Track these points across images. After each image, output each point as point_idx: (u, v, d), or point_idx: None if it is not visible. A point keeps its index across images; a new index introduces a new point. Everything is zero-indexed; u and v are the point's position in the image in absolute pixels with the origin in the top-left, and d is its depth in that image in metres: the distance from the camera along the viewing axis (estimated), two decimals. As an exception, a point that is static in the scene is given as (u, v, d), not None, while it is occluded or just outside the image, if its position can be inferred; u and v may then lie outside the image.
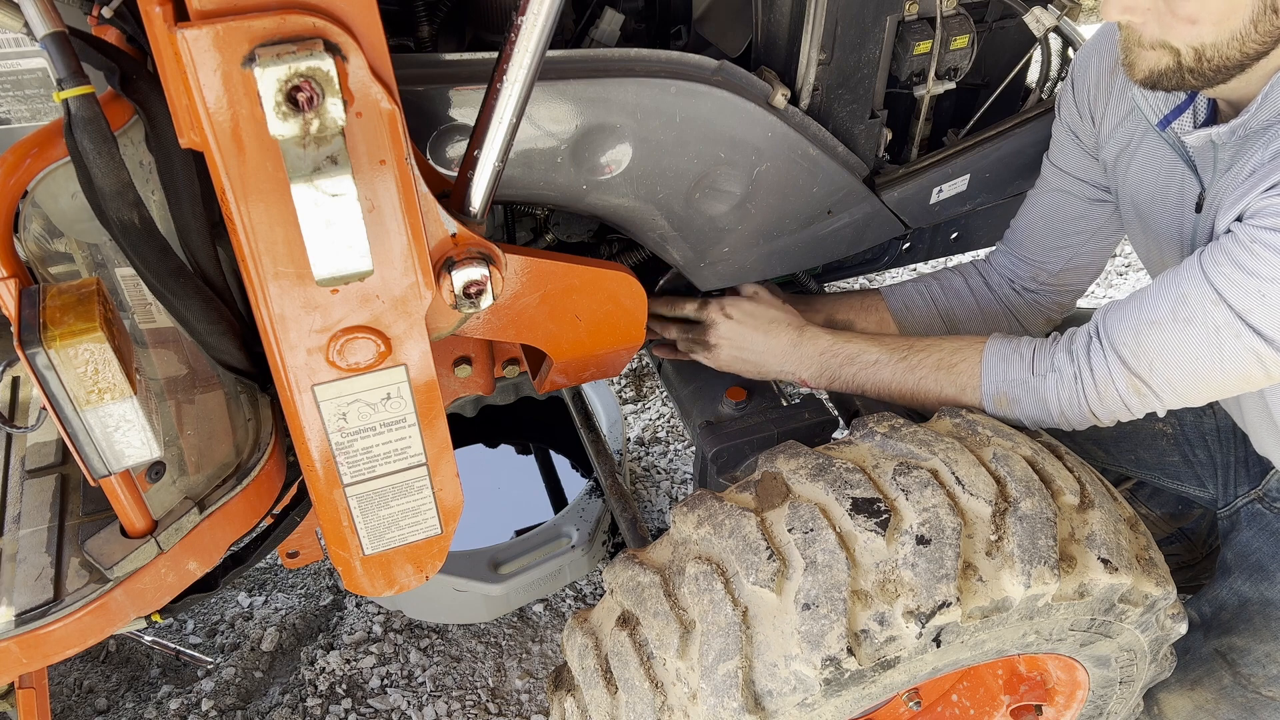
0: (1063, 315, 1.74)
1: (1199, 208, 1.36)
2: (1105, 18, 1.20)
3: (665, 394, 3.02)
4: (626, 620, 1.26)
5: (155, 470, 1.20)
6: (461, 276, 1.08)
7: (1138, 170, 1.46)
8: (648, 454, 2.85)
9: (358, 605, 2.41)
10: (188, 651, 2.27)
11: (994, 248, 1.77)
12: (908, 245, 1.92)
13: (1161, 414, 1.31)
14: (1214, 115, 1.32)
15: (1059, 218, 1.62)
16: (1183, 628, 1.38)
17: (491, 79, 0.97)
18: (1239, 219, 1.18)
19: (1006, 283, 1.72)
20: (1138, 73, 1.23)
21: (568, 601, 2.44)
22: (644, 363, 3.14)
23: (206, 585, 1.34)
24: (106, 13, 1.04)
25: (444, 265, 1.07)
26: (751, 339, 1.58)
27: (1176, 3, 1.12)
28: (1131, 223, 1.55)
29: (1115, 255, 3.62)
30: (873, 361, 1.48)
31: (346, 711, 2.17)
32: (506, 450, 2.90)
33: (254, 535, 1.42)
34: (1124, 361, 1.27)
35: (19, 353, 0.93)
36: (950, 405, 1.42)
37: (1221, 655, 1.64)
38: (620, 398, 3.07)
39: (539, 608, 2.41)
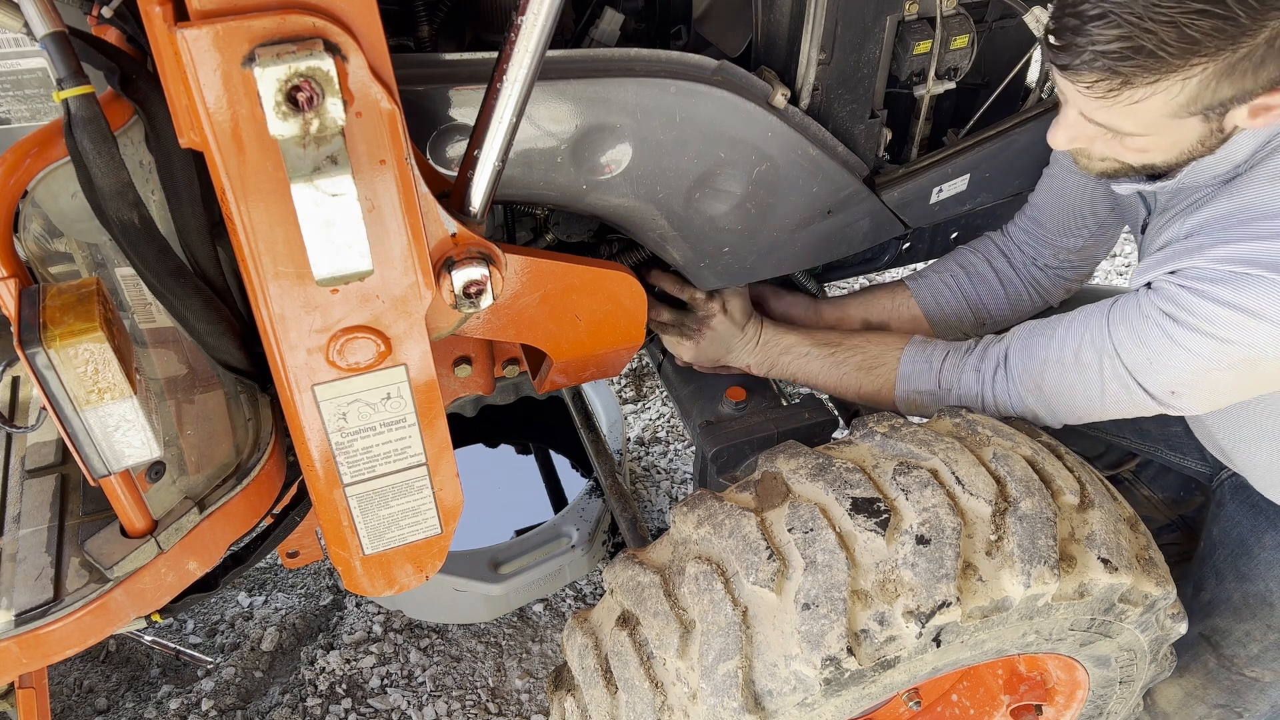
0: (1081, 284, 1.80)
1: (1144, 229, 1.44)
2: (1052, 145, 1.28)
3: (665, 394, 3.02)
4: (626, 620, 1.26)
5: (155, 470, 1.20)
6: (461, 276, 1.08)
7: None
8: (648, 454, 2.85)
9: (358, 605, 2.41)
10: (188, 651, 2.27)
11: (1013, 220, 1.77)
12: (908, 245, 1.92)
13: (1053, 424, 1.44)
14: None
15: (1078, 200, 1.64)
16: (1183, 628, 1.38)
17: (491, 79, 0.97)
18: (1148, 285, 1.27)
19: (1030, 261, 1.74)
20: (1092, 172, 1.33)
21: (568, 601, 2.44)
22: (644, 363, 3.14)
23: (206, 585, 1.34)
24: (106, 13, 1.04)
25: (444, 265, 1.07)
26: (732, 331, 1.67)
27: (1126, 139, 1.18)
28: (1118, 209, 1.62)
29: (1115, 255, 3.62)
30: (804, 354, 1.62)
31: (346, 711, 2.17)
32: (506, 450, 2.90)
33: (254, 535, 1.43)
34: (1024, 396, 1.41)
35: (19, 353, 0.93)
36: (868, 402, 1.59)
37: (1205, 638, 1.65)
38: (620, 398, 3.07)
39: (539, 608, 2.41)
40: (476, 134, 1.01)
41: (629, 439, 2.90)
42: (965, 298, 1.74)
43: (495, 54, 1.02)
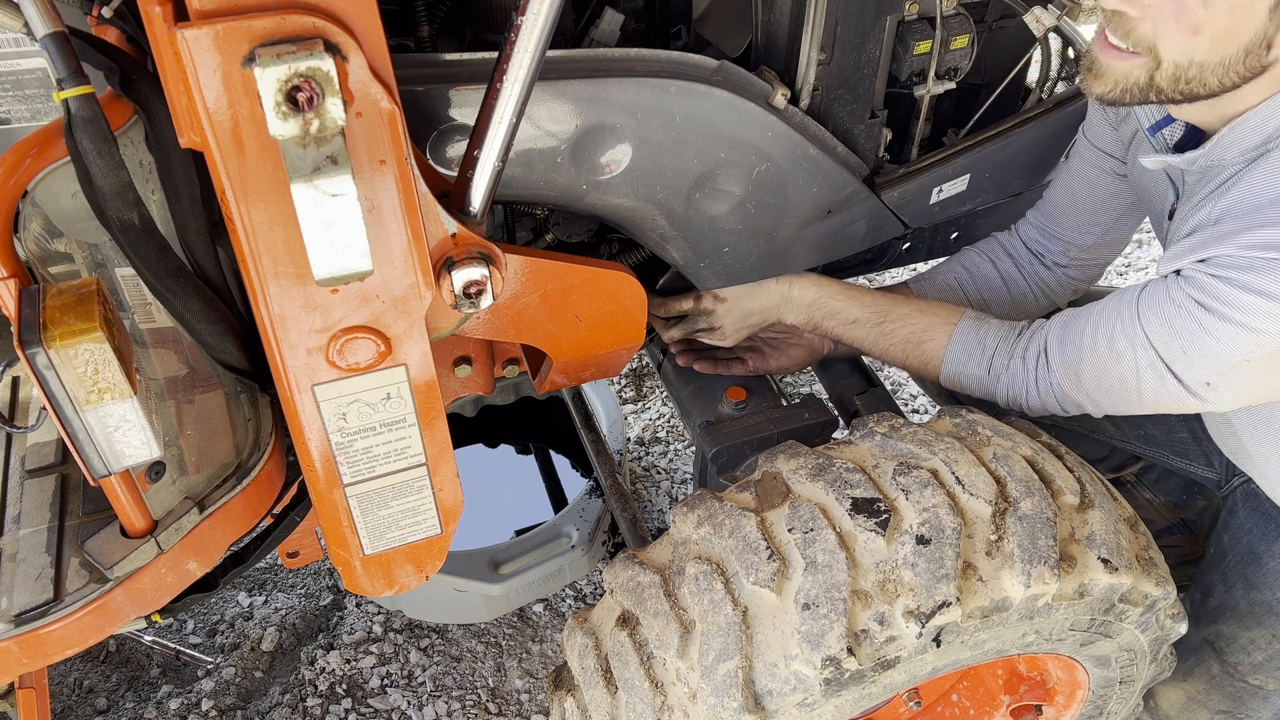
0: (1089, 285, 1.77)
1: (1171, 215, 1.41)
2: (1104, 4, 1.17)
3: (665, 394, 3.02)
4: (626, 620, 1.26)
5: (155, 470, 1.20)
6: (461, 276, 1.08)
7: (1138, 161, 1.48)
8: (648, 454, 2.85)
9: (358, 605, 2.41)
10: (188, 651, 2.27)
11: (1024, 218, 1.76)
12: (908, 245, 1.92)
13: (1097, 414, 1.42)
14: (1190, 136, 1.35)
15: (1095, 195, 1.63)
16: (1183, 628, 1.38)
17: (491, 79, 0.97)
18: (1178, 272, 1.24)
19: (1036, 259, 1.72)
20: (1101, 84, 1.21)
21: (568, 601, 2.44)
22: (644, 363, 3.14)
23: (206, 585, 1.34)
24: (106, 13, 1.04)
25: (444, 265, 1.07)
26: (748, 304, 1.65)
27: (1186, 6, 1.10)
28: (1140, 202, 1.60)
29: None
30: (851, 320, 1.60)
31: (346, 711, 2.17)
32: (506, 450, 2.90)
33: (254, 535, 1.42)
34: (1064, 385, 1.39)
35: (19, 353, 0.93)
36: (911, 373, 1.60)
37: (1210, 644, 1.64)
38: (620, 398, 3.07)
39: (539, 608, 2.41)
40: (476, 134, 1.01)
41: (629, 439, 2.90)
42: (968, 298, 1.73)
43: (495, 54, 1.02)
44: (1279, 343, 1.15)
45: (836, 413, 1.66)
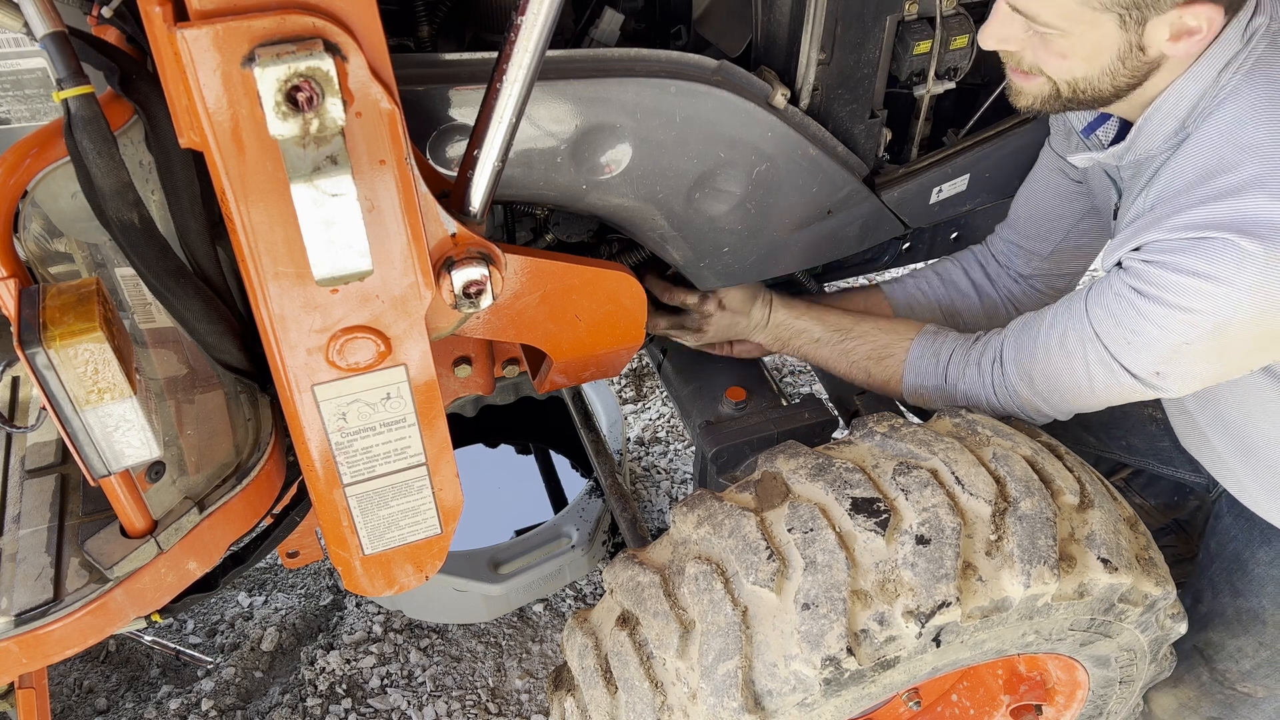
0: (1057, 299, 1.76)
1: (1116, 214, 1.43)
2: (982, 45, 1.28)
3: (665, 394, 3.02)
4: (626, 620, 1.26)
5: (155, 470, 1.20)
6: (461, 276, 1.08)
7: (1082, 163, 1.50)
8: (648, 454, 2.85)
9: (358, 605, 2.41)
10: (188, 651, 2.27)
11: (994, 231, 1.77)
12: (908, 245, 1.92)
13: (1054, 415, 1.43)
14: (1122, 134, 1.37)
15: (1051, 199, 1.64)
16: (1182, 627, 1.38)
17: (491, 79, 0.97)
18: (1119, 265, 1.27)
19: (1005, 272, 1.74)
20: (1022, 100, 1.31)
21: (568, 601, 2.44)
22: (644, 363, 3.14)
23: (206, 585, 1.34)
24: (106, 13, 1.04)
25: (444, 265, 1.07)
26: (736, 319, 1.68)
27: (1048, 39, 1.18)
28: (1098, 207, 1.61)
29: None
30: (815, 339, 1.63)
31: (346, 711, 2.18)
32: (506, 450, 2.90)
33: (254, 535, 1.43)
34: (1019, 388, 1.42)
35: (19, 353, 0.93)
36: (877, 390, 1.60)
37: (1199, 651, 1.64)
38: (620, 398, 3.07)
39: (539, 608, 2.42)
40: (476, 134, 1.01)
41: (629, 439, 2.90)
42: (939, 304, 1.75)
43: (495, 54, 1.02)
44: (1213, 322, 1.16)
45: (836, 413, 1.66)
